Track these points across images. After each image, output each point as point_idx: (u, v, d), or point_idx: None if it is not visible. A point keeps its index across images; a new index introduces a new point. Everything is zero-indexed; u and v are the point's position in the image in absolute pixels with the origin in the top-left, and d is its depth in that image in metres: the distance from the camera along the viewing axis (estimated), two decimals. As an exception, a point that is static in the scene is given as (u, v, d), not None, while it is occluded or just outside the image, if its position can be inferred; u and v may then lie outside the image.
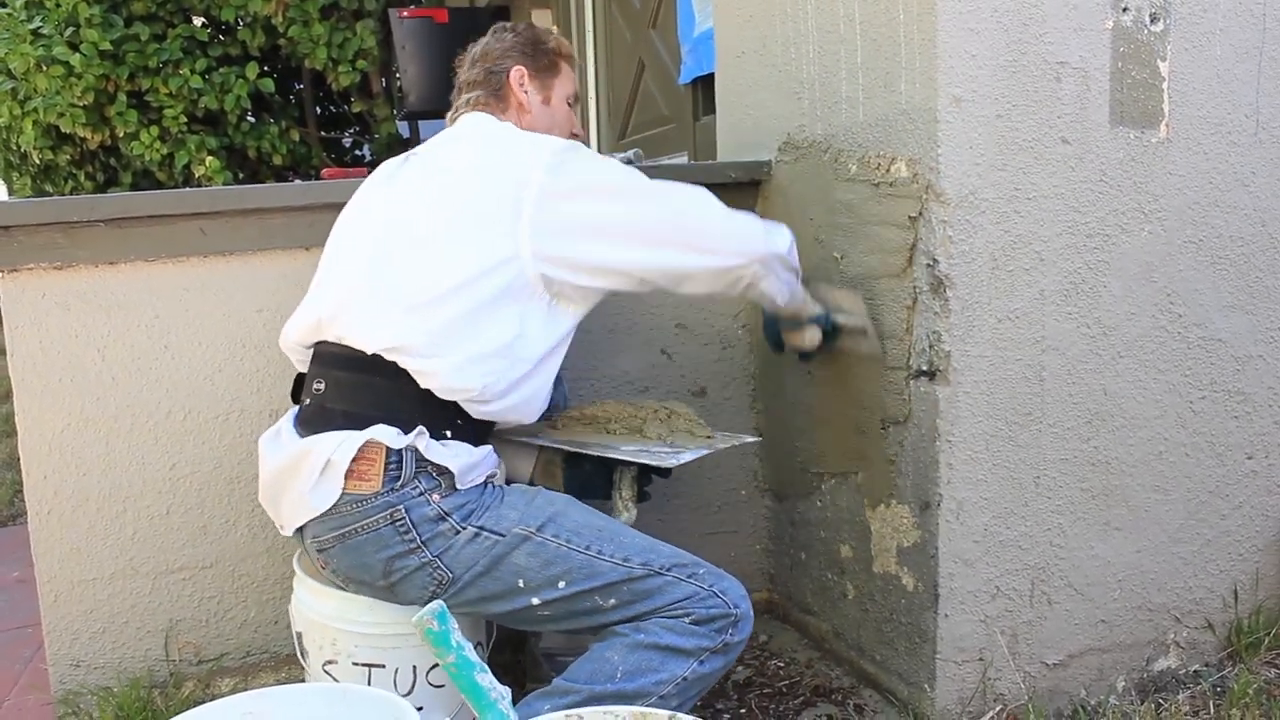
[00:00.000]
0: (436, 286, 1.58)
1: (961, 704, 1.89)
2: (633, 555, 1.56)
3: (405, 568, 1.56)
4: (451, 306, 1.57)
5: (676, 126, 4.00)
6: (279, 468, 1.62)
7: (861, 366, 1.99)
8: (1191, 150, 1.92)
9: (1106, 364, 1.90)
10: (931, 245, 1.78)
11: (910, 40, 1.77)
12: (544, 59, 1.92)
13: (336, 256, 1.73)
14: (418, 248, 1.62)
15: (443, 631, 1.18)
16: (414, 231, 1.64)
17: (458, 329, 1.57)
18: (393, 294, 1.60)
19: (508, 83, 1.88)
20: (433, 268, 1.59)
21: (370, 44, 5.08)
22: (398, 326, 1.58)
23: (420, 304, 1.58)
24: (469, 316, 1.58)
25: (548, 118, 1.91)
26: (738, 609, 1.55)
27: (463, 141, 1.76)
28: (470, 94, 1.88)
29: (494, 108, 1.87)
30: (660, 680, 1.51)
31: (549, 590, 1.55)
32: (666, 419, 1.92)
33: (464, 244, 1.60)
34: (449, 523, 1.55)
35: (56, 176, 5.40)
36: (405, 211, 1.68)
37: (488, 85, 1.88)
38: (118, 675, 2.06)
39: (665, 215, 1.67)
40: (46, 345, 1.97)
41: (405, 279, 1.60)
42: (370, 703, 1.34)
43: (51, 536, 2.01)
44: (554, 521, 1.58)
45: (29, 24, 4.64)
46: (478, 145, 1.73)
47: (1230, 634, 2.11)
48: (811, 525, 2.24)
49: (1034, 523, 1.89)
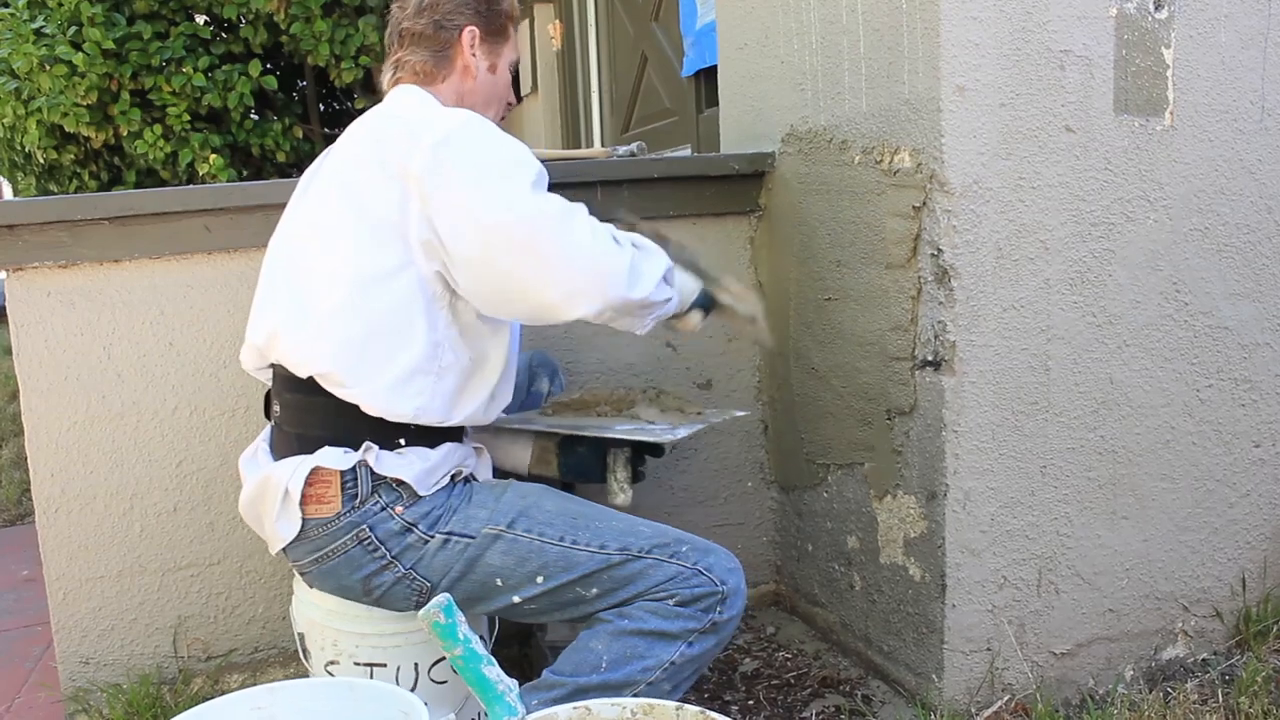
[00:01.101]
0: (334, 294, 1.52)
1: (969, 694, 1.89)
2: (609, 541, 1.53)
3: (383, 584, 1.55)
4: (356, 320, 1.52)
5: (679, 119, 4.00)
6: (250, 495, 1.62)
7: (867, 358, 1.99)
8: (1197, 138, 1.91)
9: (1112, 353, 1.90)
10: (936, 235, 1.77)
11: (913, 30, 1.77)
12: (497, 20, 1.75)
13: (266, 278, 1.68)
14: (323, 257, 1.57)
15: (449, 624, 1.18)
16: (319, 243, 1.58)
17: (371, 349, 1.52)
18: (305, 311, 1.56)
19: (458, 42, 1.70)
20: (333, 275, 1.54)
21: (373, 40, 5.07)
22: (318, 351, 1.54)
23: (326, 317, 1.53)
24: (378, 334, 1.52)
25: (489, 87, 1.76)
26: (724, 585, 1.51)
27: (362, 128, 1.64)
28: (409, 54, 1.71)
29: (427, 79, 1.71)
30: (647, 667, 1.48)
31: (528, 587, 1.53)
32: (656, 398, 1.92)
33: (359, 249, 1.53)
34: (416, 533, 1.54)
35: (61, 176, 5.40)
36: (311, 225, 1.62)
37: (434, 42, 1.69)
38: (127, 672, 2.07)
39: (524, 210, 1.48)
40: (52, 343, 1.98)
41: (313, 291, 1.56)
42: (379, 697, 1.34)
43: (59, 534, 2.02)
44: (525, 516, 1.55)
45: (32, 24, 4.64)
46: (368, 135, 1.61)
47: (1238, 622, 2.10)
48: (818, 517, 2.24)
49: (1041, 512, 1.89)
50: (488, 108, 1.76)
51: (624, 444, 1.81)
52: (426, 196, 1.49)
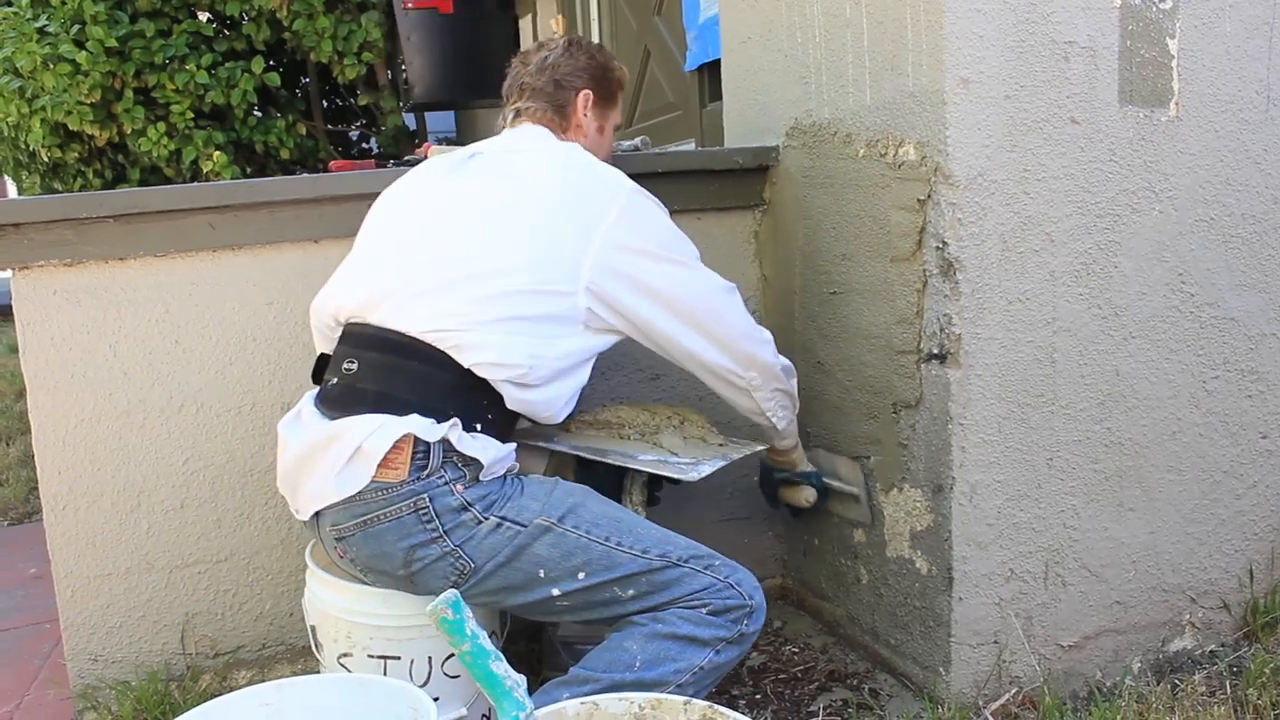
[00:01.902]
0: (492, 265, 1.60)
1: (977, 687, 1.89)
2: (651, 547, 1.58)
3: (427, 557, 1.55)
4: (501, 294, 1.59)
5: (683, 113, 3.99)
6: (302, 451, 1.61)
7: (872, 352, 1.99)
8: (1202, 128, 1.91)
9: (1118, 344, 1.89)
10: (941, 228, 1.77)
11: (917, 22, 1.76)
12: (609, 88, 1.94)
13: (389, 239, 1.72)
14: (482, 223, 1.65)
15: (457, 620, 1.19)
16: (480, 213, 1.66)
17: (502, 314, 1.58)
18: (446, 272, 1.61)
19: (574, 103, 1.88)
20: (492, 246, 1.62)
21: (375, 36, 5.07)
22: (447, 302, 1.58)
23: (472, 276, 1.59)
24: (514, 312, 1.59)
25: (596, 145, 1.90)
26: (752, 600, 1.59)
27: (531, 154, 1.76)
28: (529, 102, 1.87)
29: (554, 124, 1.87)
30: (678, 669, 1.53)
31: (569, 581, 1.56)
32: (680, 426, 1.94)
33: (529, 248, 1.62)
34: (472, 512, 1.55)
35: (65, 174, 5.41)
36: (471, 202, 1.69)
37: (553, 99, 1.87)
38: (135, 669, 2.08)
39: (704, 301, 1.72)
40: (58, 341, 1.98)
41: (462, 253, 1.62)
42: (387, 693, 1.35)
43: (67, 532, 2.02)
44: (574, 513, 1.59)
45: (35, 22, 4.64)
46: (556, 164, 1.73)
47: (1246, 614, 2.10)
48: (824, 511, 2.24)
49: (1047, 505, 1.89)
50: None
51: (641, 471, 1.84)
52: (619, 254, 1.65)
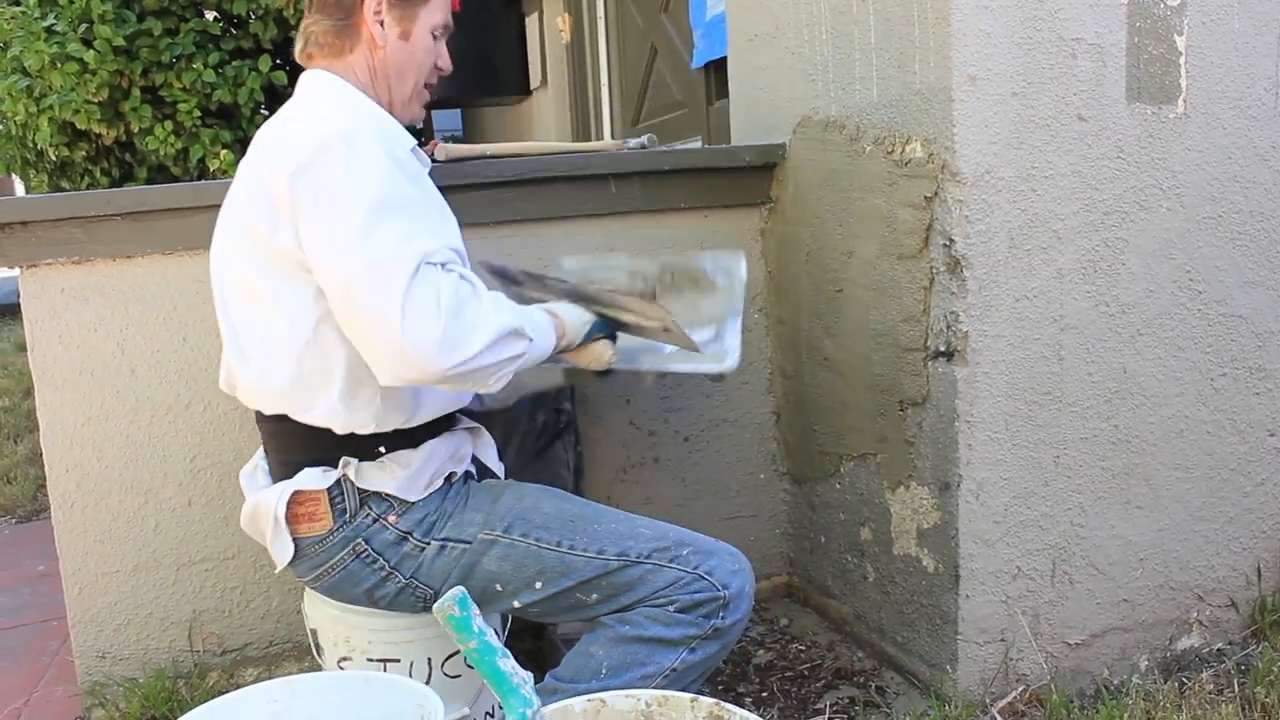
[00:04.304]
0: (255, 333, 1.52)
1: (984, 685, 1.88)
2: (607, 546, 1.50)
3: (387, 594, 1.56)
4: (286, 355, 1.49)
5: (690, 111, 3.98)
6: (247, 516, 1.62)
7: (879, 349, 1.99)
8: (1210, 125, 1.90)
9: (1126, 342, 1.89)
10: (948, 225, 1.77)
11: (924, 19, 1.76)
12: None
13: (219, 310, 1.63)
14: (242, 304, 1.54)
15: (464, 618, 1.19)
16: (235, 284, 1.55)
17: (310, 376, 1.50)
18: (245, 353, 1.55)
19: (359, 11, 1.55)
20: (257, 322, 1.52)
21: (382, 35, 5.07)
22: (267, 390, 1.54)
23: (261, 358, 1.52)
24: (309, 359, 1.49)
25: (403, 57, 1.59)
26: (726, 589, 1.47)
27: (264, 135, 1.55)
28: (314, 22, 1.58)
29: (334, 51, 1.58)
30: (646, 674, 1.45)
31: (527, 593, 1.52)
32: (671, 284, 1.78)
33: (273, 294, 1.48)
34: (411, 541, 1.53)
35: (73, 173, 5.41)
36: (224, 259, 1.57)
37: (336, 13, 1.56)
38: (143, 666, 2.08)
39: (361, 250, 1.36)
40: (66, 339, 1.99)
41: (241, 331, 1.55)
42: (394, 691, 1.35)
43: (75, 530, 2.03)
44: (523, 519, 1.53)
45: (43, 21, 4.65)
46: (254, 153, 1.54)
47: (1254, 612, 2.09)
48: (831, 508, 2.24)
49: (1054, 502, 1.88)
50: (403, 81, 1.61)
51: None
52: (302, 217, 1.42)
